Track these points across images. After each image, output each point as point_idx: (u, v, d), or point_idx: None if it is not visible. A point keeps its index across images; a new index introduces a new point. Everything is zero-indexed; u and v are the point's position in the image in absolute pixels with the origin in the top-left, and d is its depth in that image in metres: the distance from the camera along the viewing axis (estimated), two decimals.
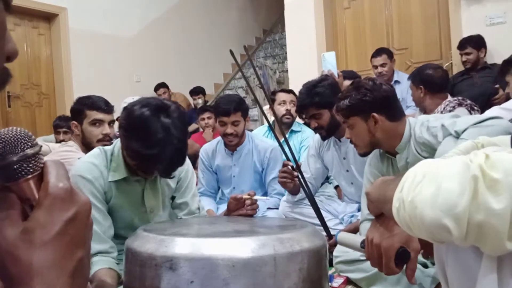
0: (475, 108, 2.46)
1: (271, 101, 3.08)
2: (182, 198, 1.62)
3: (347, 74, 2.97)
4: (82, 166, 1.46)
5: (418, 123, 1.55)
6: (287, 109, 2.85)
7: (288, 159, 1.98)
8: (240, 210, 1.57)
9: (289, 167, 1.99)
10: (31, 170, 0.42)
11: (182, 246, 0.82)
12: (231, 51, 1.95)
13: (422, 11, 4.13)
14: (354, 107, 1.56)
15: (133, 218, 1.53)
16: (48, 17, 5.14)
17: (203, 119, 4.24)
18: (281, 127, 2.44)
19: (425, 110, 2.63)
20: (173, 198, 1.63)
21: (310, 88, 2.07)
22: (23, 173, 0.41)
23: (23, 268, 0.38)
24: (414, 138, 1.54)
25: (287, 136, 2.83)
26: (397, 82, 3.64)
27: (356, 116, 1.57)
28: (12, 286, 0.38)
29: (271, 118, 3.04)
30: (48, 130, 4.42)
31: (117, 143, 1.50)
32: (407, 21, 4.20)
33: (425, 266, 1.51)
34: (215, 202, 2.55)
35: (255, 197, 1.56)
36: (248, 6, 7.83)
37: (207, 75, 6.72)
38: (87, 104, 2.02)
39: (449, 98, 2.56)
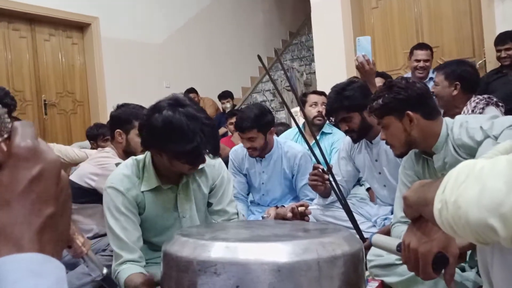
0: (500, 104, 2.38)
1: (302, 103, 3.08)
2: (219, 205, 1.63)
3: (378, 74, 2.94)
4: (115, 178, 1.49)
5: (456, 124, 1.52)
6: (318, 111, 2.84)
7: (318, 162, 1.97)
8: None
9: (320, 169, 1.98)
10: (5, 129, 0.40)
11: (225, 250, 0.84)
12: (258, 56, 1.97)
13: (453, 7, 4.04)
14: (388, 106, 1.54)
15: (166, 224, 1.55)
16: (81, 27, 5.32)
17: (232, 123, 4.27)
18: (312, 129, 2.43)
19: (448, 109, 2.49)
20: (209, 204, 1.64)
21: (339, 91, 2.06)
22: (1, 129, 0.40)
23: None
24: (452, 139, 1.51)
25: (317, 138, 2.82)
26: (432, 79, 3.56)
27: (391, 115, 1.55)
28: None
29: (301, 121, 3.04)
30: (82, 136, 4.56)
31: (147, 154, 1.52)
32: (437, 18, 4.12)
33: (462, 270, 1.48)
34: (247, 208, 2.56)
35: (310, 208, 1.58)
36: (274, 9, 7.85)
37: (235, 79, 6.77)
38: (136, 115, 2.00)
39: (474, 97, 2.46)
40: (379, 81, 2.61)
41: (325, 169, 1.98)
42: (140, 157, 1.55)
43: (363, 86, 2.11)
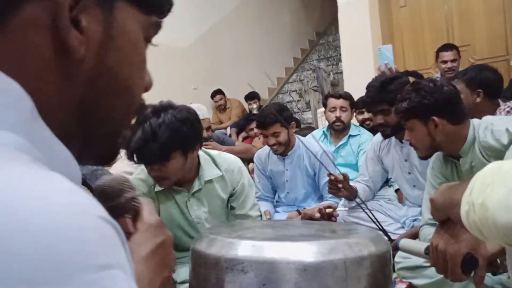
0: None
1: (323, 106, 3.07)
2: (241, 209, 1.65)
3: (409, 74, 2.89)
4: (134, 180, 1.53)
5: (482, 126, 1.49)
6: (336, 116, 2.81)
7: (330, 173, 1.96)
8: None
9: (333, 177, 1.96)
10: (131, 210, 0.54)
11: (252, 249, 0.86)
12: (265, 73, 1.99)
13: (484, 4, 3.93)
14: (413, 110, 1.52)
15: (183, 228, 1.58)
16: None
17: (251, 129, 4.28)
18: (332, 132, 2.42)
19: (473, 116, 2.40)
20: (232, 207, 1.66)
21: (386, 82, 2.02)
22: (128, 211, 0.53)
23: None
24: (478, 141, 1.48)
25: (345, 141, 2.81)
26: None
27: (415, 119, 1.52)
28: None
29: (326, 122, 3.03)
30: None
31: None
32: (468, 16, 4.02)
33: (493, 274, 1.45)
34: (273, 206, 2.58)
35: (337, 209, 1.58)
36: (301, 9, 7.83)
37: (261, 80, 6.80)
38: None
39: (504, 104, 2.38)
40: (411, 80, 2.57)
41: (338, 175, 1.97)
42: None
43: (407, 83, 2.10)
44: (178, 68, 5.81)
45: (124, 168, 2.09)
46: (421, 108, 1.50)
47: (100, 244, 0.26)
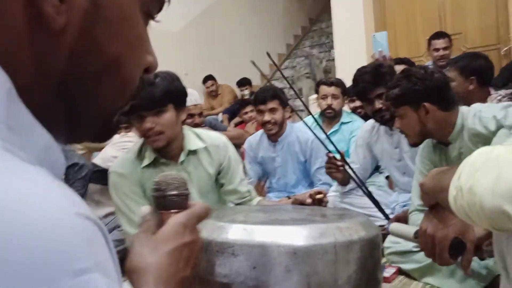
0: None
1: (316, 93, 3.07)
2: (230, 185, 1.66)
3: (402, 61, 2.89)
4: (118, 163, 1.55)
5: (471, 113, 1.50)
6: (328, 104, 2.82)
7: (329, 151, 1.97)
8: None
9: (332, 157, 1.97)
10: (180, 206, 0.57)
11: (243, 232, 0.86)
12: (268, 54, 1.97)
13: None
14: (404, 97, 1.53)
15: None
16: None
17: (246, 112, 4.27)
18: (325, 119, 2.44)
19: (465, 103, 2.43)
20: (221, 185, 1.67)
21: (377, 67, 2.04)
22: (174, 206, 0.57)
23: (144, 265, 0.50)
24: (467, 128, 1.50)
25: (337, 128, 2.82)
26: None
27: (406, 105, 1.54)
28: (130, 276, 0.50)
29: (317, 109, 3.03)
30: None
31: None
32: (461, 4, 4.02)
33: (481, 259, 1.48)
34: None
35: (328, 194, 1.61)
36: None
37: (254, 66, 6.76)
38: None
39: (495, 93, 2.39)
40: (402, 68, 2.58)
41: (337, 156, 1.98)
42: (140, 141, 1.59)
43: (392, 67, 2.12)
44: (168, 53, 5.74)
45: (112, 152, 2.09)
46: (412, 95, 1.51)
47: (76, 245, 0.24)
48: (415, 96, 1.51)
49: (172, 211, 0.56)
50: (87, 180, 2.04)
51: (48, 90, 0.33)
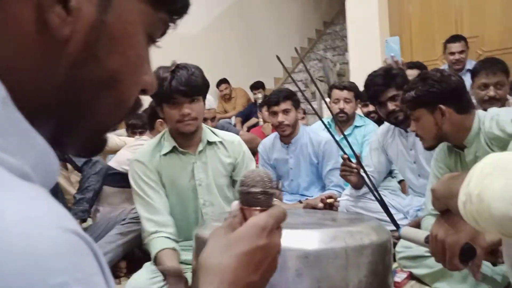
0: None
1: (329, 97, 3.07)
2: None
3: (414, 65, 2.88)
4: (138, 153, 1.65)
5: (488, 117, 1.49)
6: (340, 108, 2.81)
7: (344, 153, 1.96)
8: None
9: (347, 159, 1.97)
10: (263, 204, 0.54)
11: None
12: (277, 57, 1.99)
13: None
14: (421, 99, 1.53)
15: (185, 192, 1.63)
16: None
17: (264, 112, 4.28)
18: (338, 124, 2.44)
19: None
20: (234, 182, 1.71)
21: (387, 70, 2.06)
22: (257, 203, 0.54)
23: (212, 263, 0.48)
24: (484, 132, 1.49)
25: (350, 132, 2.81)
26: (469, 71, 3.46)
27: (423, 108, 1.53)
28: (198, 270, 0.49)
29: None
30: (121, 125, 4.71)
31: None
32: (479, 7, 3.97)
33: (494, 264, 1.46)
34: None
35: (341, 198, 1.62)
36: None
37: (267, 69, 6.78)
38: None
39: (510, 98, 2.36)
40: (414, 73, 2.57)
41: (352, 159, 1.97)
42: (160, 134, 1.68)
43: (403, 69, 2.14)
44: (183, 57, 5.76)
45: (127, 155, 2.12)
46: (428, 97, 1.50)
47: (54, 259, 0.23)
48: (431, 98, 1.50)
49: (254, 208, 0.54)
50: (102, 175, 2.11)
51: (46, 99, 0.33)
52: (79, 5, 0.32)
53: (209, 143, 1.64)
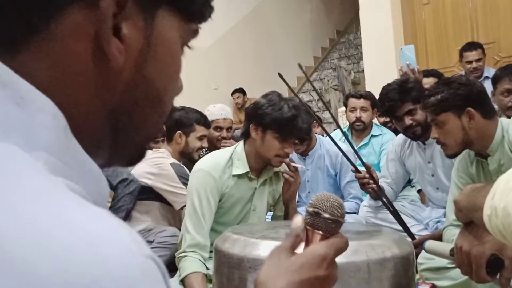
0: None
1: (345, 105, 3.06)
2: (280, 212, 1.82)
3: (430, 73, 2.85)
4: (207, 163, 1.62)
5: (511, 124, 1.47)
6: (356, 116, 2.79)
7: (354, 166, 1.96)
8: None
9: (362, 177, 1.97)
10: (329, 231, 0.54)
11: None
12: (299, 65, 2.00)
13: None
14: (448, 102, 1.47)
15: (239, 214, 1.68)
16: None
17: None
18: (345, 135, 2.43)
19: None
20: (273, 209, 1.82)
21: (402, 83, 2.01)
22: (324, 229, 0.54)
23: (268, 284, 0.49)
24: (508, 140, 1.45)
25: (367, 141, 2.79)
26: (487, 78, 3.41)
27: (449, 111, 1.48)
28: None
29: (346, 121, 3.01)
30: None
31: (238, 144, 1.68)
32: (494, 12, 3.93)
33: None
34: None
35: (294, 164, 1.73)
36: (321, 8, 7.79)
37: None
38: (198, 120, 2.19)
39: None
40: (431, 81, 2.54)
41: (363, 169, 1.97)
42: (230, 149, 1.68)
43: (419, 81, 2.10)
44: (199, 68, 5.87)
45: (145, 168, 2.14)
46: (456, 99, 1.46)
47: (143, 283, 0.25)
48: (459, 100, 1.46)
49: (320, 232, 0.54)
50: (135, 195, 2.10)
51: (100, 123, 0.35)
52: (130, 33, 0.33)
53: (275, 173, 1.72)
